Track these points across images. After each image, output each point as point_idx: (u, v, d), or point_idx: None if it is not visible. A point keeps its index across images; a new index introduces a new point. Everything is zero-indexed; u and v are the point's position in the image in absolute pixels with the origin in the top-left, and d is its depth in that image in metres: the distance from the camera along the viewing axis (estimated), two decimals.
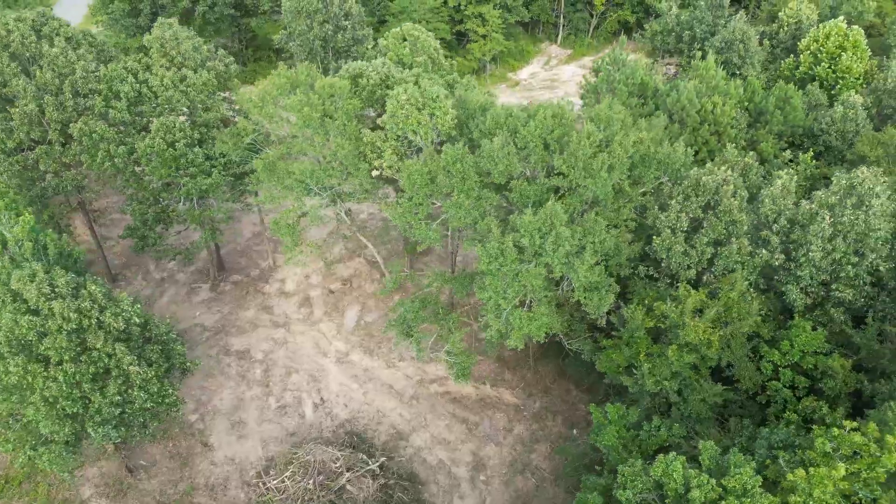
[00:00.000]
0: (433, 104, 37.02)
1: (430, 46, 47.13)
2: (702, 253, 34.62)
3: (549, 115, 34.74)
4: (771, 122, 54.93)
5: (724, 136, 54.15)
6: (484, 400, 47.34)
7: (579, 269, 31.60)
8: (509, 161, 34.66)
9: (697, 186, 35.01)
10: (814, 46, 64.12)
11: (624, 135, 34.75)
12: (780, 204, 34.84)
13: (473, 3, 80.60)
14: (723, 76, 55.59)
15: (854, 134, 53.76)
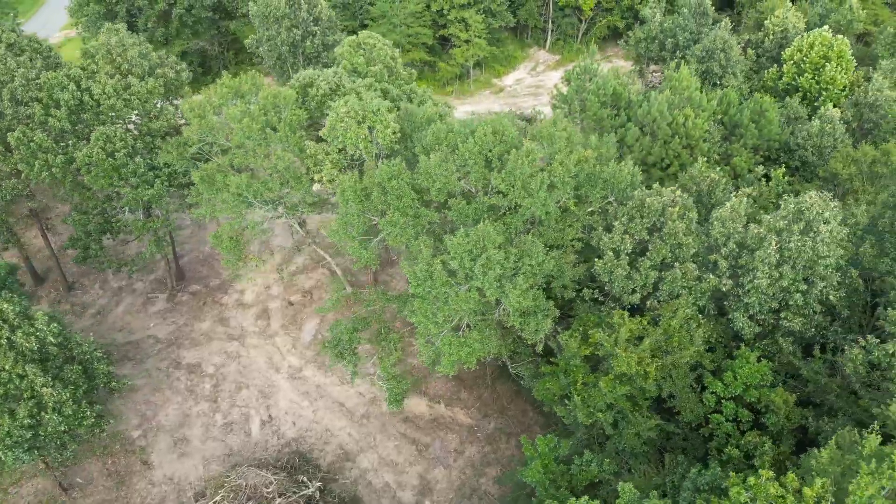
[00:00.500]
0: (374, 117, 35.68)
1: (386, 55, 45.81)
2: (646, 277, 33.02)
3: (490, 132, 33.28)
4: (745, 136, 53.15)
5: (697, 149, 52.49)
6: (437, 420, 45.94)
7: (511, 294, 30.14)
8: (447, 178, 33.27)
9: (642, 208, 33.41)
10: (797, 56, 62.25)
11: (567, 153, 33.21)
12: (730, 227, 33.17)
13: (457, 7, 79.26)
14: (696, 87, 53.82)
15: (831, 149, 51.90)
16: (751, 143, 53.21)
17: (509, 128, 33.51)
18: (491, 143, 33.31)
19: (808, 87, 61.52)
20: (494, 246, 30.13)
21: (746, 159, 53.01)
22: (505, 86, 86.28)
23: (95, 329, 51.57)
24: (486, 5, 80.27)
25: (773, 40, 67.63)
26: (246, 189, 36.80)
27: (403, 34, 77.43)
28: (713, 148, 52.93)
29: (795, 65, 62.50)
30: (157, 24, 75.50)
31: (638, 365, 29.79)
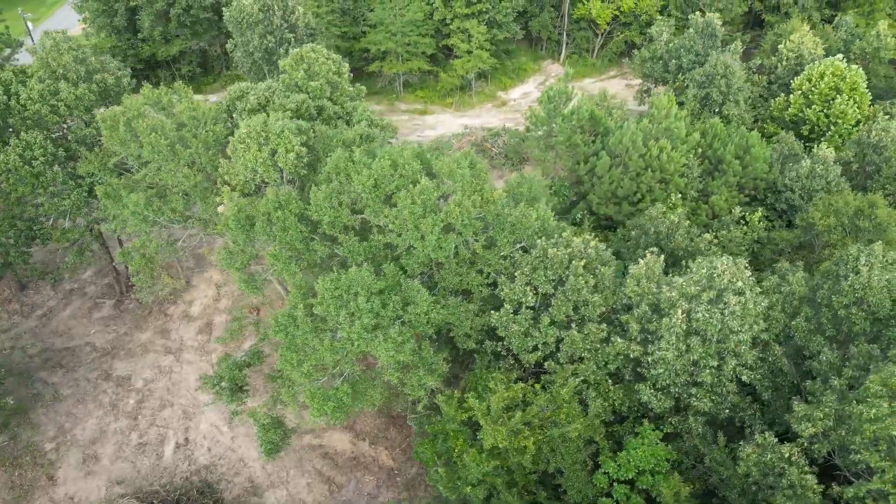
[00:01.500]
0: (277, 139, 33.37)
1: (329, 70, 43.43)
2: (545, 335, 29.65)
3: (387, 165, 30.51)
4: (727, 173, 48.64)
5: (672, 184, 48.34)
6: (358, 458, 43.39)
7: (381, 347, 27.34)
8: (337, 212, 30.68)
9: (545, 258, 30.00)
10: (806, 86, 57.04)
11: (470, 193, 30.12)
12: (644, 287, 29.45)
13: (460, 17, 76.40)
14: (678, 116, 49.58)
15: (824, 193, 46.91)
16: (733, 180, 48.65)
17: (410, 161, 30.64)
18: (389, 177, 30.54)
19: (816, 120, 56.31)
20: (368, 292, 27.38)
21: (727, 198, 48.55)
22: (510, 99, 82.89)
23: (38, 331, 51.10)
24: (492, 16, 77.07)
25: (786, 67, 62.32)
26: (145, 207, 35.13)
27: (401, 42, 75.11)
28: (691, 184, 48.66)
29: (804, 95, 57.31)
30: (157, 22, 75.25)
31: (514, 438, 26.57)
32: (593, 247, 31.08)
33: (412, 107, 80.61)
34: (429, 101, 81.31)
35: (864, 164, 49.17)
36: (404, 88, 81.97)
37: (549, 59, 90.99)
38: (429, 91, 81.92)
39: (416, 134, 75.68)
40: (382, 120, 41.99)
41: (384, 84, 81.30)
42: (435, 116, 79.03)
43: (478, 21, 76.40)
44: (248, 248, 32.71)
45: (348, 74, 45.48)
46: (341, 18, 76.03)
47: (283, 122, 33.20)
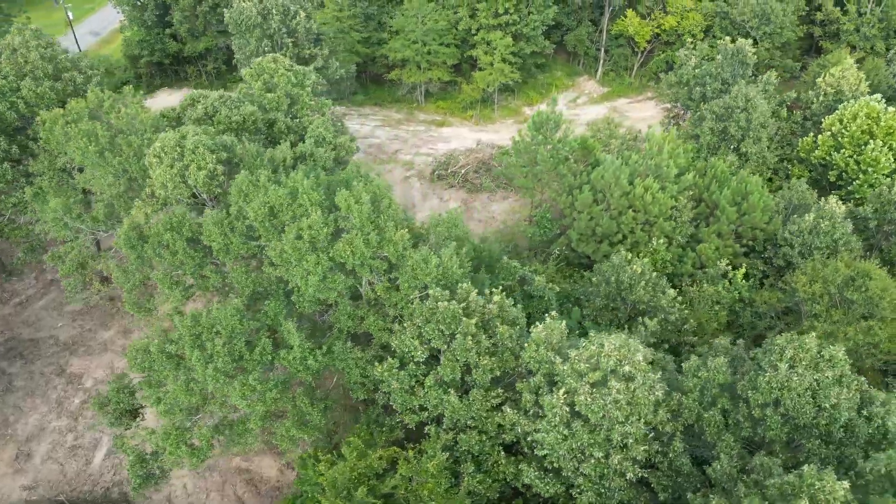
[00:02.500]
0: (191, 156, 31.86)
1: (289, 82, 41.71)
2: (426, 396, 26.77)
3: (285, 193, 28.38)
4: (720, 221, 43.95)
5: (657, 228, 44.19)
6: (282, 489, 41.49)
7: (235, 392, 25.25)
8: (228, 239, 28.83)
9: (435, 311, 27.04)
10: (836, 127, 51.20)
11: (367, 232, 27.58)
12: (542, 354, 26.08)
13: (485, 28, 73.52)
14: (670, 152, 45.24)
15: (829, 252, 41.61)
16: (727, 228, 43.91)
17: (309, 191, 28.38)
18: (286, 206, 28.44)
19: (845, 165, 50.43)
20: (231, 332, 25.39)
21: (718, 248, 43.90)
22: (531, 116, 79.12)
23: (10, 319, 51.96)
24: (518, 29, 73.76)
25: (822, 103, 56.29)
26: (65, 213, 34.45)
27: (420, 51, 72.89)
28: (680, 228, 44.27)
29: (833, 137, 51.48)
30: (185, 20, 76.12)
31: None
32: (496, 302, 27.88)
33: (431, 117, 78.33)
34: (449, 112, 78.81)
35: (884, 222, 43.32)
36: (426, 98, 79.74)
37: (586, 75, 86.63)
38: (450, 102, 79.40)
39: (428, 146, 73.38)
40: (338, 138, 39.84)
41: (406, 92, 79.33)
42: (452, 129, 76.46)
43: (504, 33, 73.27)
44: (140, 268, 31.42)
45: (314, 86, 43.58)
46: (363, 23, 74.53)
47: (197, 139, 31.65)
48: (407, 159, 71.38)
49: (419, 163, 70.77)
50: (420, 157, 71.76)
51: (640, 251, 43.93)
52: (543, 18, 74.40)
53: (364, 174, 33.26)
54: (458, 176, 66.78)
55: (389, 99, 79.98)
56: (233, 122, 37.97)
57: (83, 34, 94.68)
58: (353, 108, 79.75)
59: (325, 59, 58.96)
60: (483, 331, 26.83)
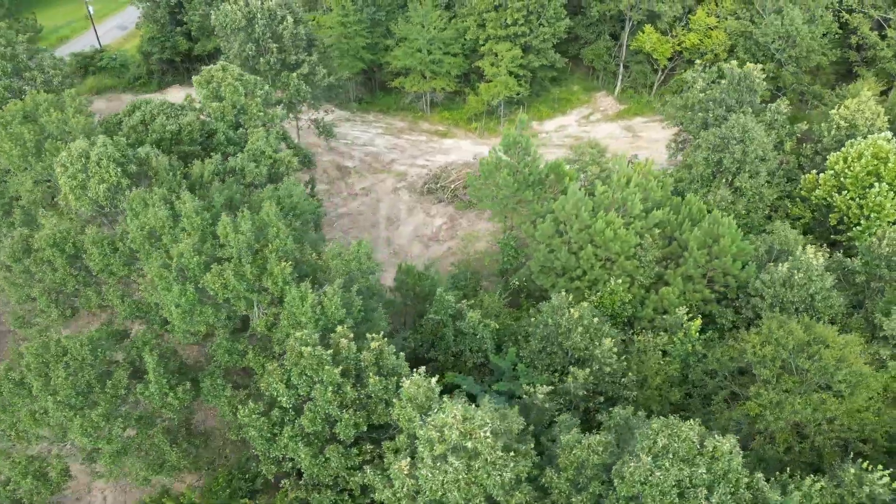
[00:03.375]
0: (95, 168, 30.81)
1: (235, 92, 40.38)
2: (284, 448, 24.77)
3: (166, 214, 26.91)
4: (686, 263, 40.47)
5: (618, 266, 41.12)
6: None
7: (74, 429, 23.75)
8: (108, 259, 27.57)
9: (301, 357, 24.94)
10: (839, 166, 46.77)
11: (247, 259, 25.78)
12: (409, 412, 23.70)
13: (493, 39, 70.94)
14: (641, 185, 41.97)
15: (803, 307, 37.73)
16: (696, 272, 40.41)
17: (192, 214, 26.82)
18: (169, 228, 26.98)
19: (846, 209, 45.99)
20: (81, 363, 24.06)
21: (684, 292, 40.49)
22: (541, 131, 76.19)
23: None
24: (528, 41, 70.88)
25: (834, 137, 51.66)
26: None
27: (423, 60, 70.89)
28: (644, 269, 41.01)
29: (836, 176, 47.06)
30: (197, 18, 76.30)
31: None
32: (374, 348, 25.66)
33: (434, 127, 76.30)
34: (453, 123, 76.62)
35: (872, 277, 38.98)
36: (432, 108, 77.72)
37: (604, 91, 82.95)
38: (455, 113, 77.17)
39: (425, 157, 71.41)
40: (278, 153, 38.17)
41: (410, 101, 77.50)
42: (454, 141, 74.26)
43: (512, 45, 70.53)
44: (29, 282, 30.50)
45: (264, 98, 42.12)
46: (370, 29, 73.01)
47: (103, 150, 30.55)
48: (401, 170, 69.59)
49: (413, 174, 68.89)
50: (415, 168, 69.83)
51: (598, 290, 40.90)
52: (555, 31, 71.26)
53: (285, 195, 31.58)
54: (448, 191, 64.54)
55: (395, 107, 78.37)
56: (167, 131, 36.91)
57: (111, 28, 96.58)
58: (358, 115, 78.52)
59: (311, 66, 57.59)
60: (355, 380, 24.70)
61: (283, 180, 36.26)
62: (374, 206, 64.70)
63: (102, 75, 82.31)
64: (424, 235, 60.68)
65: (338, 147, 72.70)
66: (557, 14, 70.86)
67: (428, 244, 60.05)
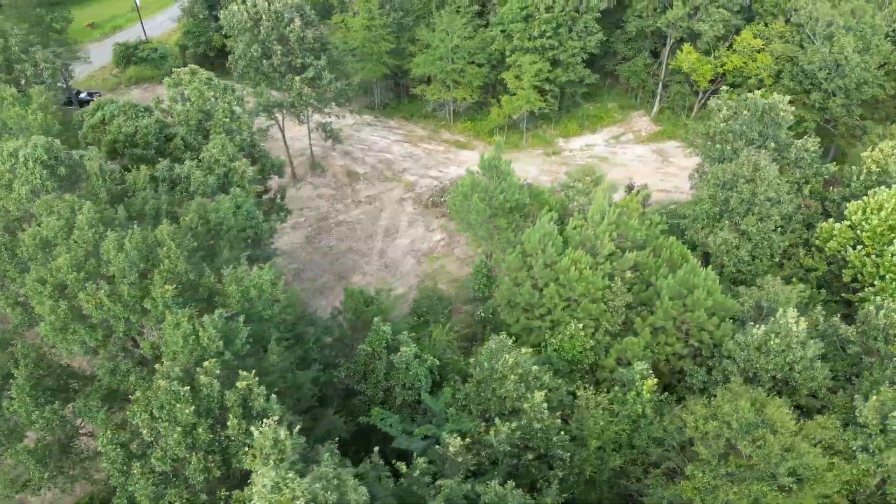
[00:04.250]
0: (22, 169, 30.47)
1: (200, 96, 39.63)
2: (135, 486, 23.41)
3: (61, 223, 26.13)
4: (655, 314, 36.96)
5: (582, 309, 38.16)
6: None
7: None
8: (5, 266, 27.07)
9: (157, 390, 23.37)
10: (856, 217, 41.89)
11: (125, 284, 24.61)
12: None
13: (521, 51, 68.17)
14: (617, 223, 38.64)
15: (780, 376, 33.72)
16: (667, 324, 36.88)
17: (84, 227, 25.92)
18: (60, 238, 26.20)
19: (861, 265, 41.16)
20: None
21: (661, 345, 37.08)
22: (566, 149, 72.82)
23: None
24: (556, 54, 67.72)
25: (863, 182, 46.46)
26: None
27: (445, 69, 68.85)
28: (611, 315, 37.78)
29: (852, 228, 42.19)
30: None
31: None
32: (242, 388, 23.82)
33: (455, 138, 74.18)
34: (474, 134, 74.27)
35: (866, 350, 34.33)
36: (455, 117, 75.60)
37: (642, 110, 78.59)
38: (478, 124, 74.78)
39: (438, 169, 69.45)
40: (233, 162, 37.05)
41: (433, 109, 75.63)
42: (472, 153, 71.83)
43: (540, 57, 67.52)
44: None
45: (230, 104, 41.16)
46: (396, 34, 71.57)
47: (29, 152, 30.20)
48: (411, 180, 67.87)
49: (422, 185, 67.05)
50: (426, 179, 67.97)
51: (560, 332, 37.95)
52: (585, 45, 67.74)
53: (212, 209, 30.43)
54: None
55: (418, 114, 76.72)
56: (121, 133, 36.50)
57: (164, 20, 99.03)
58: (381, 120, 77.33)
59: (317, 70, 56.63)
60: (215, 421, 23.13)
61: (231, 191, 35.12)
62: (375, 215, 63.26)
63: (143, 66, 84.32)
64: (419, 250, 58.73)
65: (353, 152, 71.73)
66: (589, 28, 67.34)
67: (421, 260, 58.09)
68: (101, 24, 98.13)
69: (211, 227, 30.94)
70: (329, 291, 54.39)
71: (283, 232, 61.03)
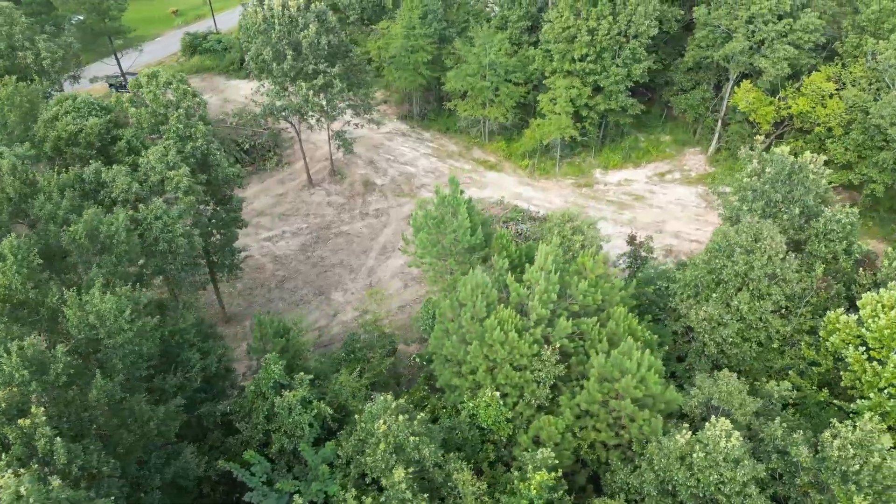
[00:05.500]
0: None
1: (154, 99, 39.00)
2: None
3: None
4: (581, 395, 32.51)
5: (501, 374, 34.58)
6: None
7: None
8: None
9: None
10: (866, 312, 35.25)
11: None
12: None
13: (561, 73, 63.87)
14: (552, 285, 34.33)
15: (702, 494, 28.62)
16: (593, 408, 32.38)
17: None
18: None
19: (860, 371, 34.65)
20: None
21: (586, 429, 32.89)
22: (601, 182, 67.56)
23: None
24: (598, 80, 62.79)
25: (894, 269, 39.12)
26: None
27: (475, 85, 65.58)
28: (535, 388, 33.80)
29: (860, 323, 35.60)
30: None
31: None
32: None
33: (485, 158, 70.77)
34: (506, 156, 70.51)
35: (818, 486, 28.23)
36: (490, 136, 72.13)
37: (698, 147, 71.63)
38: (512, 145, 70.88)
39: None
40: (171, 171, 35.93)
41: (467, 125, 72.54)
42: (500, 175, 68.32)
43: (581, 82, 62.87)
44: None
45: (192, 108, 40.30)
46: (436, 45, 69.12)
47: None
48: (426, 197, 65.11)
49: None
50: None
51: (478, 397, 34.30)
52: (630, 73, 62.25)
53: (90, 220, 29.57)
54: None
55: (454, 128, 73.84)
56: (65, 130, 36.58)
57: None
58: (416, 131, 75.22)
59: (328, 78, 55.30)
60: None
61: (151, 202, 34.20)
62: (378, 230, 61.26)
63: (205, 56, 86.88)
64: (409, 273, 56.08)
65: (377, 161, 70.11)
66: (636, 55, 61.73)
67: (408, 283, 55.45)
68: (185, 11, 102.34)
69: (101, 240, 29.99)
70: (305, 305, 53.00)
71: (282, 237, 60.58)
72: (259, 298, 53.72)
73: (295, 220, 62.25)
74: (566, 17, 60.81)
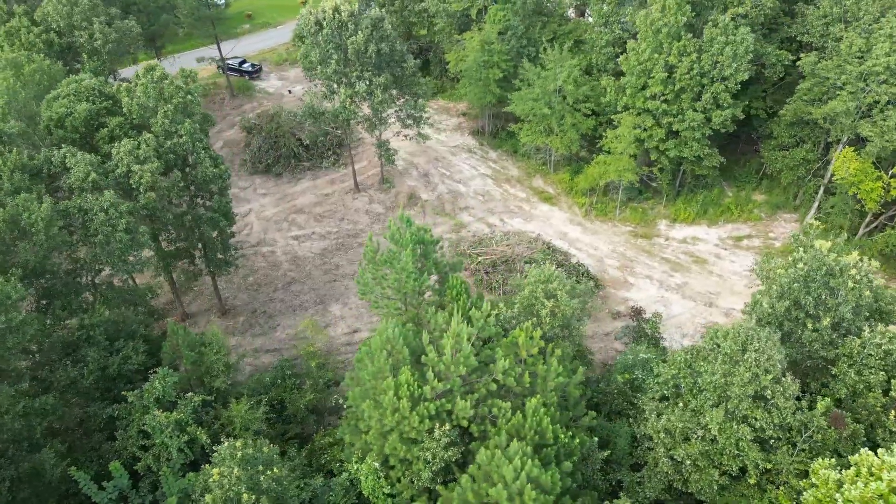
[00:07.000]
0: None
1: (145, 92, 39.56)
2: None
3: None
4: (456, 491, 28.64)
5: (390, 443, 31.75)
6: None
7: None
8: None
9: None
10: (850, 472, 28.02)
11: None
12: None
13: (632, 110, 57.86)
14: (461, 356, 30.55)
15: None
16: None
17: None
18: None
19: None
20: None
21: None
22: (663, 235, 60.33)
23: None
24: (672, 123, 55.98)
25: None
26: None
27: (538, 111, 60.99)
28: (422, 467, 30.53)
29: (839, 486, 28.36)
30: None
31: None
32: None
33: (544, 188, 65.99)
34: (566, 190, 65.20)
35: None
36: (556, 166, 67.11)
37: (795, 214, 61.72)
38: (577, 179, 65.18)
39: (500, 217, 62.31)
40: (142, 165, 36.04)
41: (529, 152, 67.99)
42: (551, 209, 63.34)
43: (654, 123, 56.49)
44: None
45: (184, 106, 40.47)
46: (513, 62, 65.31)
47: None
48: (465, 221, 62.00)
49: (471, 230, 60.83)
50: (480, 224, 61.55)
51: (365, 462, 31.39)
52: (710, 119, 54.71)
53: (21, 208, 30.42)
54: (475, 262, 55.61)
55: (522, 152, 69.50)
56: (55, 112, 38.23)
57: None
58: (483, 149, 71.82)
59: (371, 87, 54.00)
60: None
61: (105, 193, 34.67)
62: None
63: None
64: None
65: (432, 175, 67.81)
66: (720, 100, 53.96)
67: None
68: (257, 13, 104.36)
69: (20, 228, 30.79)
70: (302, 312, 52.25)
71: (309, 238, 60.33)
72: (261, 297, 53.81)
73: (329, 222, 61.76)
74: (643, 48, 54.50)
